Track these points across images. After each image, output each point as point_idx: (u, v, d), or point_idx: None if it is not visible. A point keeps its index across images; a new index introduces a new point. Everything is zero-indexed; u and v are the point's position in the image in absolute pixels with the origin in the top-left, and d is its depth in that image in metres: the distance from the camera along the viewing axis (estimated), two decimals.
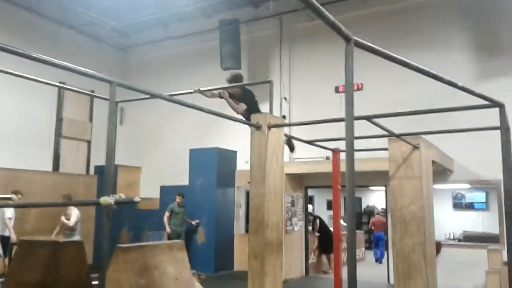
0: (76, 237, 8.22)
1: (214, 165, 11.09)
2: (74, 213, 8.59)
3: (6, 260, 8.16)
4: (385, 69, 7.50)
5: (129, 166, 13.07)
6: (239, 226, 11.36)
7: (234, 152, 11.63)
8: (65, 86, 8.31)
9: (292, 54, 11.78)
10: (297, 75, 11.62)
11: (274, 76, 11.41)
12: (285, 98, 11.46)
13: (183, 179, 11.46)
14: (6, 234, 8.38)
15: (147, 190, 12.76)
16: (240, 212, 11.40)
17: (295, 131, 9.91)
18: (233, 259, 11.07)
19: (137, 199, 3.58)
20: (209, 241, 10.69)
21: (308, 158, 10.10)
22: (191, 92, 5.80)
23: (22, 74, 5.53)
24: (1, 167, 10.27)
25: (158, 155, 13.30)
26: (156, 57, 13.83)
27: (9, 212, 8.52)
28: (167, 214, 10.30)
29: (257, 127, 4.96)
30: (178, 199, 10.38)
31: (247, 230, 11.00)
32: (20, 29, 11.26)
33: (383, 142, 6.14)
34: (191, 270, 6.52)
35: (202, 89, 5.81)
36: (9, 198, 4.48)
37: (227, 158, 11.45)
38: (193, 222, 10.72)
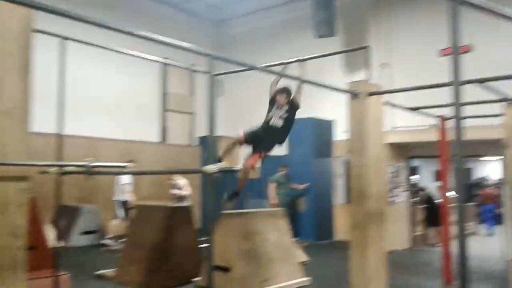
0: (185, 203, 8.82)
1: (311, 136, 11.02)
2: (185, 183, 9.27)
3: (126, 223, 9.03)
4: (496, 27, 6.75)
5: (230, 137, 13.51)
6: (338, 196, 11.27)
7: (331, 122, 11.44)
8: (167, 61, 8.75)
9: (391, 17, 11.10)
10: (397, 39, 10.94)
11: (372, 41, 10.87)
12: (384, 65, 10.91)
13: (282, 149, 11.58)
14: (124, 198, 9.26)
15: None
16: (339, 182, 11.29)
17: (397, 98, 9.46)
18: (332, 229, 11.07)
19: (237, 167, 3.73)
20: (309, 210, 10.76)
21: (411, 127, 9.59)
22: (285, 63, 5.74)
23: (130, 52, 5.95)
24: (117, 139, 11.28)
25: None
26: (250, 29, 13.94)
27: (127, 178, 9.38)
28: (273, 185, 10.17)
29: (355, 95, 4.81)
30: (282, 170, 10.23)
31: (347, 201, 10.90)
32: (123, 9, 12.00)
33: (496, 108, 5.59)
34: (293, 238, 6.67)
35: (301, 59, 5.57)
36: (124, 167, 4.89)
37: (323, 128, 11.31)
38: (302, 186, 10.48)
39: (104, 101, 11.58)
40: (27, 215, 3.87)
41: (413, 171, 12.40)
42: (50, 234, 5.44)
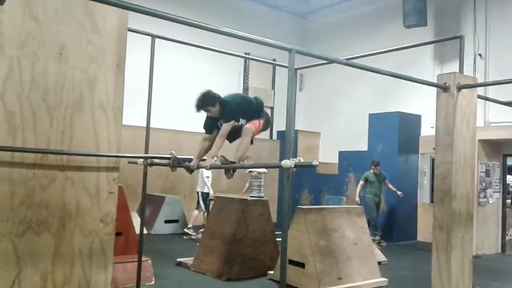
0: (261, 194, 8.93)
1: (395, 130, 10.58)
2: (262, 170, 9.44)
3: (206, 214, 9.35)
4: None
5: (309, 131, 13.45)
6: (423, 195, 10.72)
7: (418, 116, 10.90)
8: (250, 56, 8.88)
9: (487, 5, 10.26)
10: (495, 28, 10.10)
11: (466, 31, 10.14)
12: (480, 55, 10.14)
13: (362, 145, 11.28)
14: (206, 191, 9.58)
15: (326, 155, 12.98)
16: (425, 181, 10.72)
17: (491, 92, 8.75)
18: (416, 229, 10.57)
19: (315, 162, 3.66)
20: (390, 209, 10.37)
21: (507, 122, 8.84)
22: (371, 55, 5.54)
23: (213, 48, 6.11)
24: (198, 132, 11.60)
25: (336, 120, 13.33)
26: (333, 21, 13.68)
27: (208, 172, 9.70)
28: (361, 183, 9.81)
29: (445, 88, 4.52)
30: (373, 167, 9.71)
31: (432, 200, 10.34)
32: (205, 4, 12.32)
33: None
34: (371, 236, 6.48)
35: None
36: (205, 159, 5.05)
37: (409, 122, 10.80)
38: (398, 193, 9.66)
39: (187, 95, 12.02)
40: (116, 203, 4.14)
41: (509, 170, 11.44)
42: (136, 222, 5.78)
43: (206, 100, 4.74)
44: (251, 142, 4.68)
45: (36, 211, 3.79)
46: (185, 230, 9.60)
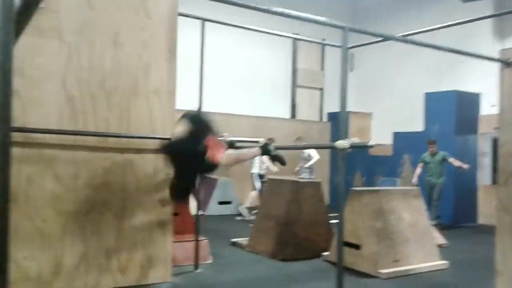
0: (312, 177, 8.87)
1: (452, 110, 10.11)
2: (314, 153, 9.38)
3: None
4: None
5: (360, 112, 13.16)
6: (483, 176, 10.24)
7: (477, 95, 10.35)
8: (299, 37, 8.74)
9: None
10: None
11: None
12: None
13: (417, 125, 10.89)
14: (261, 172, 9.65)
15: (379, 136, 12.66)
16: (485, 161, 10.22)
17: None
18: (476, 212, 10.14)
19: (371, 143, 3.58)
20: (448, 191, 9.97)
21: None
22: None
23: (261, 29, 6.06)
24: (248, 115, 11.73)
25: (389, 100, 12.95)
26: None
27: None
28: (419, 165, 9.36)
29: (508, 63, 4.25)
30: (430, 147, 9.23)
31: (493, 181, 9.85)
32: None
33: None
34: (430, 219, 6.28)
35: None
36: (257, 142, 5.05)
37: (468, 101, 10.27)
38: (465, 166, 8.96)
39: (237, 78, 12.11)
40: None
41: None
42: (191, 203, 5.91)
43: None
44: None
45: (99, 192, 3.96)
46: (240, 211, 9.70)
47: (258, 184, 9.68)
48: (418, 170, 9.33)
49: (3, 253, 1.02)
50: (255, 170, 9.74)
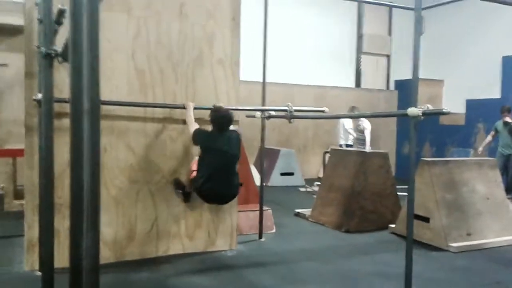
0: (368, 148, 8.59)
1: None
2: (367, 125, 9.08)
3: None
4: None
5: (430, 79, 12.48)
6: None
7: None
8: (363, 0, 8.35)
9: None
10: None
11: None
12: None
13: (494, 92, 10.17)
14: (349, 142, 9.45)
15: (451, 104, 11.96)
16: None
17: None
18: None
19: (446, 109, 3.37)
20: None
21: None
22: None
23: None
24: (311, 85, 11.53)
25: (463, 66, 12.15)
26: None
27: (349, 123, 9.55)
28: (491, 133, 8.75)
29: None
30: (505, 116, 8.48)
31: None
32: None
33: None
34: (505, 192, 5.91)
35: None
36: (323, 111, 4.95)
37: None
38: None
39: (300, 47, 11.87)
40: None
41: None
42: (254, 174, 5.98)
43: None
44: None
45: (168, 161, 4.10)
46: (308, 186, 9.61)
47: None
48: (489, 138, 8.69)
49: (95, 216, 1.08)
50: (342, 141, 9.54)
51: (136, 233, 4.00)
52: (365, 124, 9.25)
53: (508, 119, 8.41)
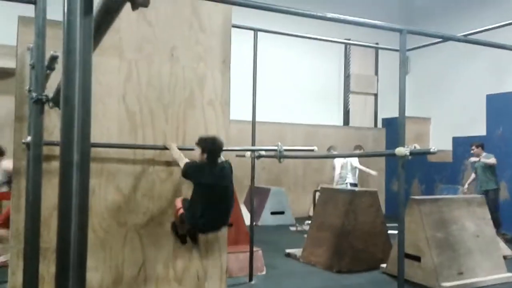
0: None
1: None
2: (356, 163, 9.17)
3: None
4: None
5: (417, 117, 12.70)
6: None
7: None
8: (351, 42, 8.60)
9: None
10: None
11: None
12: None
13: (479, 129, 10.36)
14: (355, 181, 9.30)
15: (438, 142, 12.15)
16: None
17: None
18: None
19: (433, 149, 3.43)
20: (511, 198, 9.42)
21: None
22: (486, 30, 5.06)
23: (314, 36, 6.02)
24: (301, 123, 11.66)
25: (448, 104, 12.42)
26: None
27: (356, 162, 9.38)
28: (473, 174, 8.82)
29: None
30: (476, 152, 8.59)
31: None
32: None
33: None
34: (495, 229, 5.93)
35: None
36: (312, 150, 5.00)
37: None
38: (488, 161, 8.29)
39: (289, 87, 12.08)
40: None
41: None
42: (244, 213, 5.94)
43: None
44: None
45: (157, 203, 4.06)
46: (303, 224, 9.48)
47: None
48: (473, 175, 8.82)
49: (81, 262, 1.07)
50: (350, 180, 9.33)
51: (124, 278, 3.91)
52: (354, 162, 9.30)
53: (472, 159, 8.56)
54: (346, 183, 9.32)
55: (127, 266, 3.91)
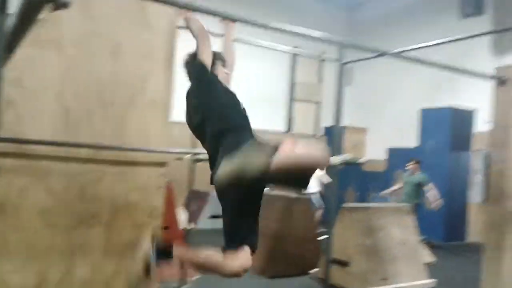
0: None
1: (447, 126, 10.19)
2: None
3: None
4: None
5: (356, 127, 13.21)
6: (475, 194, 10.29)
7: (472, 112, 10.45)
8: (297, 51, 8.80)
9: None
10: None
11: None
12: None
13: (412, 141, 10.97)
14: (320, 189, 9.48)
15: (374, 152, 12.72)
16: (477, 179, 10.29)
17: None
18: (465, 229, 10.18)
19: (363, 159, 3.63)
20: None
21: None
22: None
23: (263, 44, 6.12)
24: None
25: (385, 116, 13.03)
26: (383, 13, 13.34)
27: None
28: (399, 184, 9.07)
29: (502, 81, 4.33)
30: (411, 167, 8.79)
31: (484, 199, 9.89)
32: (257, 1, 12.35)
33: None
34: (419, 236, 6.30)
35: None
36: None
37: (462, 118, 10.37)
38: (433, 204, 8.52)
39: (237, 91, 12.10)
40: (163, 197, 4.25)
41: None
42: (182, 216, 5.91)
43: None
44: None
45: (89, 205, 3.96)
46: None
47: (321, 202, 9.32)
48: (396, 186, 9.17)
49: None
50: (316, 189, 9.35)
51: (48, 282, 3.77)
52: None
53: (413, 170, 8.78)
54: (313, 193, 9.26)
55: (52, 270, 3.78)
